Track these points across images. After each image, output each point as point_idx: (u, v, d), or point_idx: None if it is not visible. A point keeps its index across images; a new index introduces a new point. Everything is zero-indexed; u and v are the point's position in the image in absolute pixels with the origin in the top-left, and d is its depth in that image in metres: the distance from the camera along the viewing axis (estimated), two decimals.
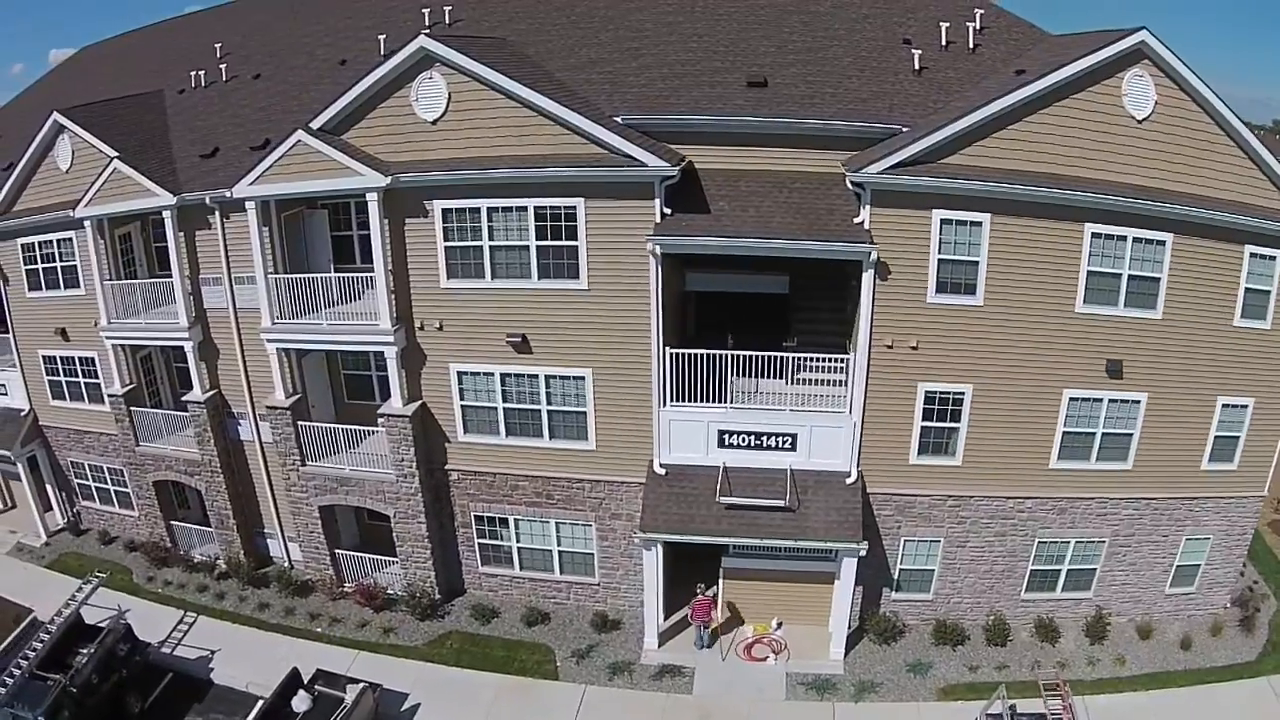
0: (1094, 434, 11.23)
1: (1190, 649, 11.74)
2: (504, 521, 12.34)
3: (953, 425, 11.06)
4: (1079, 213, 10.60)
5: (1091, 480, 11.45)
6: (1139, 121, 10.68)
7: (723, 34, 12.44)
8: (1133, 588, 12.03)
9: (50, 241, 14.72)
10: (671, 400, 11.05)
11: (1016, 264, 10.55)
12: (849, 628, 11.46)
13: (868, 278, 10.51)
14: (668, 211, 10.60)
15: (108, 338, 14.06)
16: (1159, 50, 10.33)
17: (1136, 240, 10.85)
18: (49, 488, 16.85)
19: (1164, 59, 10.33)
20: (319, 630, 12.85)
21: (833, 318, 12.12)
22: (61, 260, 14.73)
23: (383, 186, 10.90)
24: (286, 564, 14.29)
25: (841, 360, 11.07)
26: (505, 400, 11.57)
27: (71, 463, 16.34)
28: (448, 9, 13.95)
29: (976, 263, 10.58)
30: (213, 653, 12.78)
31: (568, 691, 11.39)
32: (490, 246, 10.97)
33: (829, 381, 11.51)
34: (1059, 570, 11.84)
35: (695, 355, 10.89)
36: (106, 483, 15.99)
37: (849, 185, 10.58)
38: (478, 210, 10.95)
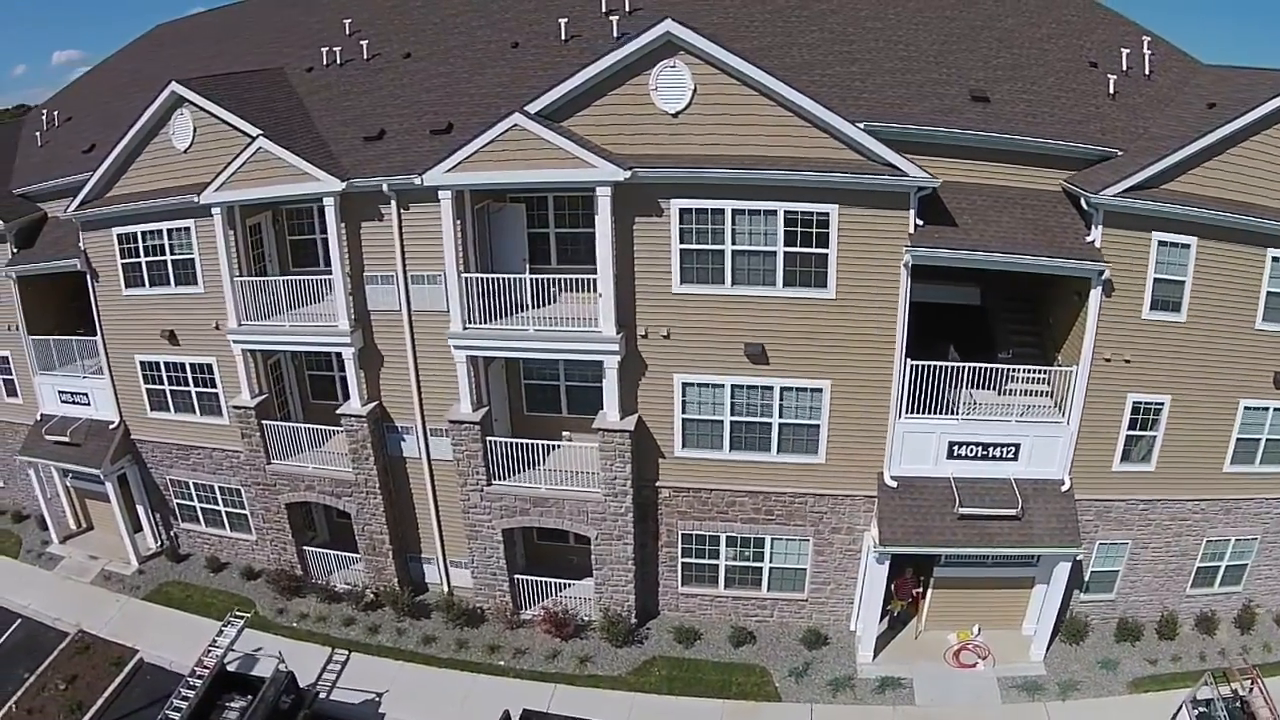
0: (1260, 439, 10.66)
1: None
2: (714, 539, 10.43)
3: (1151, 434, 10.22)
4: (1264, 238, 10.09)
5: (1254, 482, 10.86)
6: None
7: (926, 44, 11.01)
8: (1274, 580, 11.55)
9: (158, 232, 11.40)
10: (906, 412, 9.65)
11: (1214, 284, 9.81)
12: (1039, 630, 10.36)
13: (1095, 294, 9.44)
14: (919, 223, 9.19)
15: (237, 342, 11.01)
16: None
17: None
18: (140, 508, 13.30)
19: None
20: (502, 664, 10.45)
21: (1028, 329, 11.01)
22: (173, 253, 11.44)
23: (618, 181, 8.77)
24: (445, 591, 11.63)
25: (1047, 372, 10.00)
26: (734, 413, 9.71)
27: (172, 481, 12.95)
28: None
29: (1183, 282, 9.77)
30: (379, 695, 10.16)
31: (795, 712, 9.69)
32: (733, 251, 9.11)
33: (1036, 392, 10.69)
34: (1219, 567, 11.24)
35: (935, 367, 9.47)
36: (217, 504, 12.74)
37: (1084, 205, 9.45)
38: (721, 212, 9.01)
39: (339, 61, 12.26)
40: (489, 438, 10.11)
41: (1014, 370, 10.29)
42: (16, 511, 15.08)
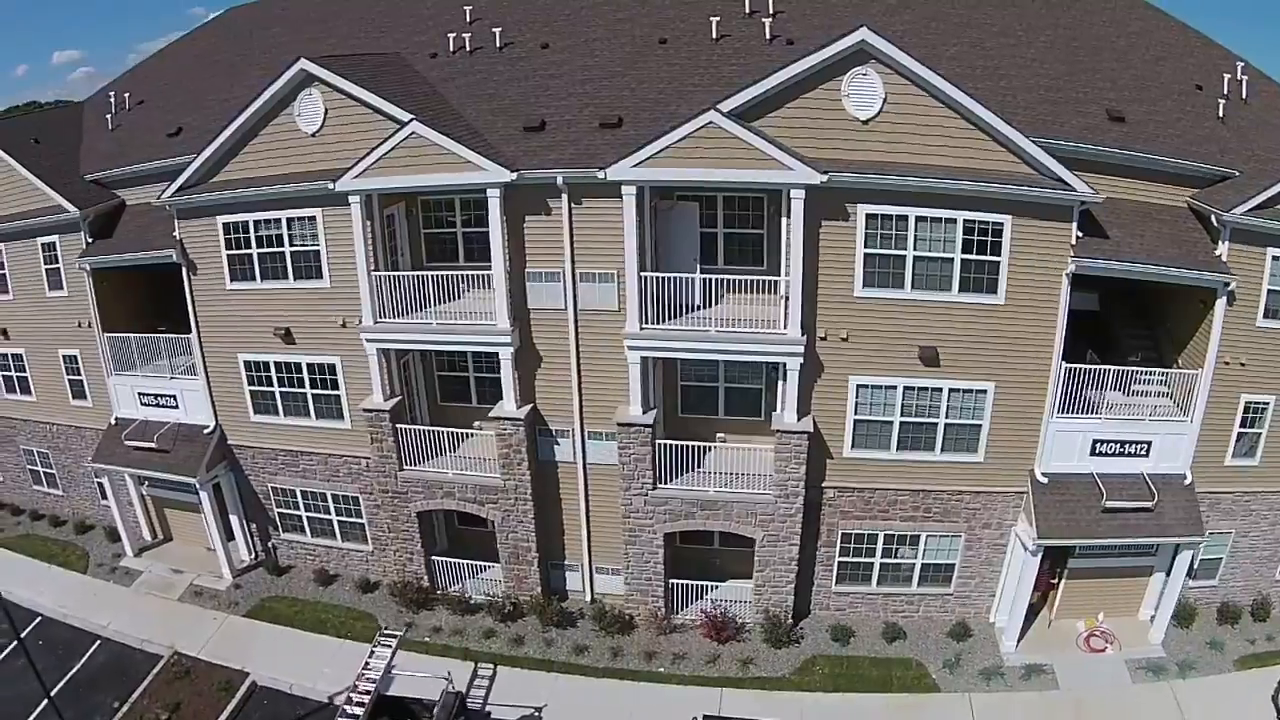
0: None
1: None
2: (872, 538, 10.78)
3: (1257, 431, 11.17)
4: None
5: None
6: None
7: (1055, 61, 11.64)
8: None
9: (275, 220, 10.79)
10: (1057, 412, 10.23)
11: None
12: (1159, 615, 11.16)
13: (1221, 304, 10.29)
14: (1080, 235, 9.91)
15: (371, 340, 10.59)
16: None
17: None
18: (233, 518, 12.59)
19: None
20: (661, 670, 10.45)
21: (1144, 334, 11.81)
22: (292, 244, 10.88)
23: (815, 184, 8.95)
24: (589, 599, 11.51)
25: (1167, 374, 10.76)
26: (903, 414, 10.09)
27: (274, 489, 12.29)
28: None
29: None
30: (539, 710, 9.97)
31: (956, 701, 10.16)
32: (914, 257, 9.48)
33: (1157, 393, 11.63)
34: None
35: (1084, 370, 10.15)
36: (328, 513, 12.17)
37: (1214, 222, 10.24)
38: (905, 218, 9.36)
39: (468, 49, 11.92)
40: (658, 440, 10.11)
41: (1141, 373, 11.09)
42: (80, 522, 14.01)
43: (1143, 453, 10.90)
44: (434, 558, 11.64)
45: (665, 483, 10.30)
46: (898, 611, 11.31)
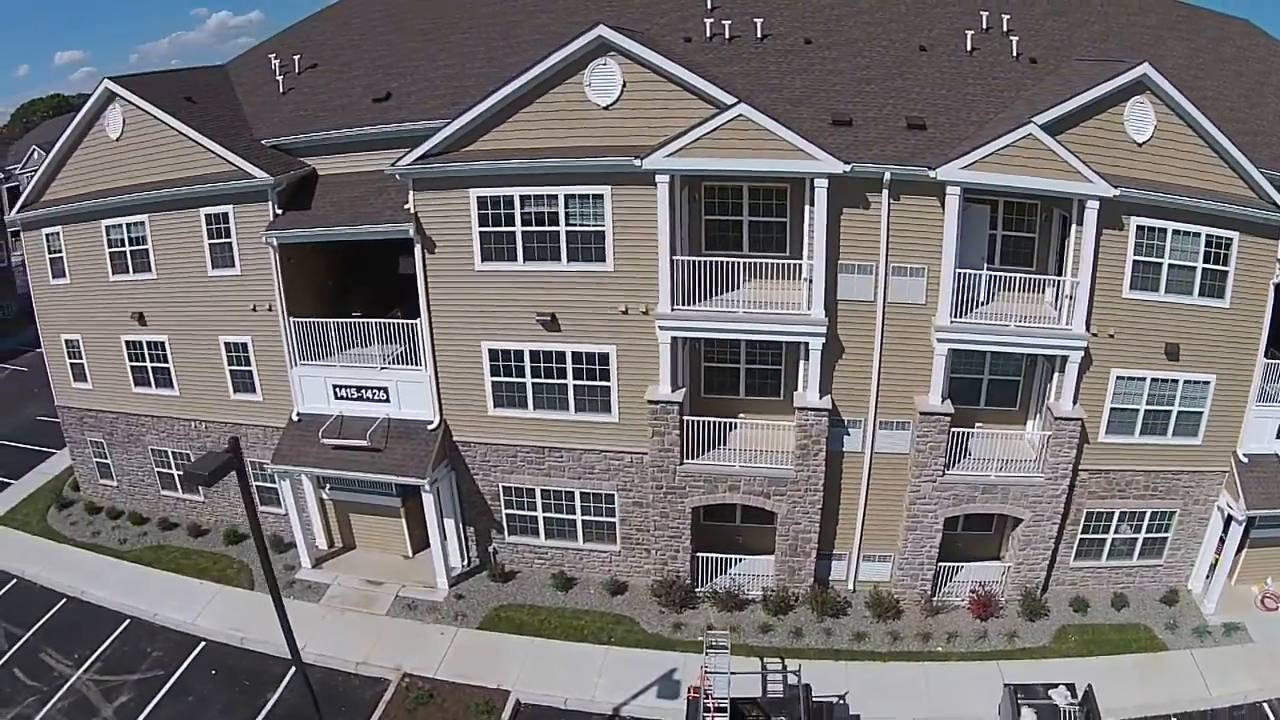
0: None
1: None
2: (1109, 515, 14.07)
3: None
4: None
5: None
6: None
7: (1234, 94, 15.46)
8: None
9: (551, 197, 12.00)
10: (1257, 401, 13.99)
11: None
12: None
13: None
14: None
15: (666, 328, 12.18)
16: None
17: None
18: (449, 523, 13.50)
19: None
20: (939, 649, 13.01)
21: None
22: (569, 223, 12.11)
23: (1109, 197, 12.05)
24: (850, 587, 13.72)
25: None
26: (1148, 403, 13.42)
27: (505, 489, 13.41)
28: (1005, 17, 14.49)
29: None
30: (841, 697, 12.11)
31: (1184, 658, 13.66)
32: (1169, 265, 12.86)
33: None
34: None
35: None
36: (571, 512, 13.47)
37: None
38: (1164, 231, 12.81)
39: (727, 36, 13.55)
40: (953, 429, 12.52)
41: None
42: (230, 530, 14.01)
43: None
44: (699, 554, 13.23)
45: (952, 469, 12.87)
46: (1118, 583, 14.89)
